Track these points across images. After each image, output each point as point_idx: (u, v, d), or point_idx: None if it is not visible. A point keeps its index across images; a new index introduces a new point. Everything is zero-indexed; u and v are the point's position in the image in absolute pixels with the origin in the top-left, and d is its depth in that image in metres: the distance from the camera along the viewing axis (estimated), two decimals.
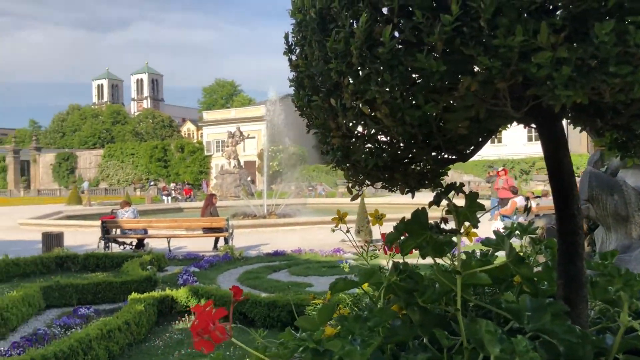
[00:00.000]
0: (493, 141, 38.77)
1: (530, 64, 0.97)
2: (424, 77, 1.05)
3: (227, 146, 39.06)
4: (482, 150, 1.50)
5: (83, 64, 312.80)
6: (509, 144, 43.32)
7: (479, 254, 1.88)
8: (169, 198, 39.83)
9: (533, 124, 1.43)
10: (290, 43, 1.39)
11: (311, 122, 1.39)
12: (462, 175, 40.56)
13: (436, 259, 1.30)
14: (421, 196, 1.46)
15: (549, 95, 1.02)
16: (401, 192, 1.40)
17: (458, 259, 1.22)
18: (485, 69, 1.00)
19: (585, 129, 1.46)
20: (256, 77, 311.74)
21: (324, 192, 41.97)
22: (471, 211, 1.29)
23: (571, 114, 1.34)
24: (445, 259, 1.38)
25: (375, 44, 1.06)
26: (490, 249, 1.84)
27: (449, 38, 0.99)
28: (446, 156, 1.33)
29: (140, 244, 13.41)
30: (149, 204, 32.63)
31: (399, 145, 1.25)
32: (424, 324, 1.20)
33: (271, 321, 6.24)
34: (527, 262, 1.30)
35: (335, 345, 0.98)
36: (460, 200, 1.28)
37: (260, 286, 8.48)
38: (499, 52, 0.97)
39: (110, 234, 13.20)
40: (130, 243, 13.46)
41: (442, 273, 1.21)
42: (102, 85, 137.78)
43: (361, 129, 1.26)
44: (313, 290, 7.95)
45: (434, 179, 1.40)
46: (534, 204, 13.28)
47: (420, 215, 1.26)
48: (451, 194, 1.34)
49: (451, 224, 1.40)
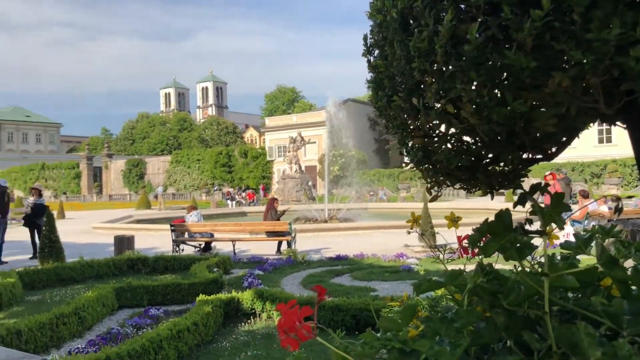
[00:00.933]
0: None
1: (627, 57, 0.93)
2: (512, 74, 1.03)
3: (289, 151, 39.55)
4: None
5: (151, 73, 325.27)
6: (579, 146, 41.36)
7: (559, 257, 1.82)
8: (233, 202, 40.73)
9: (619, 122, 1.37)
10: (368, 44, 1.39)
11: (390, 123, 1.38)
12: (531, 179, 39.27)
13: (518, 261, 1.26)
14: (479, 201, 1.42)
15: None
16: (483, 193, 1.36)
17: (545, 260, 1.19)
18: (577, 64, 0.97)
19: None
20: (316, 82, 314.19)
21: (386, 197, 41.75)
22: (557, 212, 1.24)
23: None
24: (516, 262, 1.34)
25: (460, 41, 1.04)
26: (571, 252, 1.77)
27: (539, 33, 0.97)
28: (531, 156, 1.29)
29: (208, 247, 13.76)
30: (214, 209, 33.47)
31: (482, 145, 1.23)
32: (509, 326, 1.17)
33: (335, 325, 6.24)
34: (620, 264, 1.24)
35: (424, 346, 0.97)
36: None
37: None
38: (592, 46, 0.93)
39: (180, 237, 13.62)
40: (198, 245, 13.85)
41: (528, 275, 1.18)
42: (169, 93, 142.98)
43: (443, 128, 1.24)
44: (376, 295, 7.90)
45: (515, 179, 1.36)
46: (605, 209, 12.63)
47: (504, 216, 1.23)
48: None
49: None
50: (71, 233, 19.59)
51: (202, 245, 13.81)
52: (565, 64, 1.02)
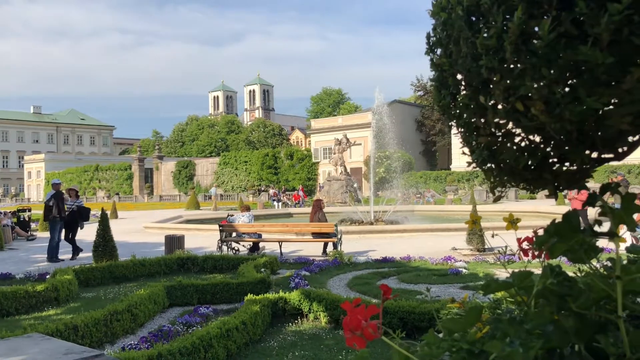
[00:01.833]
0: None
1: None
2: (587, 71, 1.00)
3: (334, 153, 39.60)
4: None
5: (200, 76, 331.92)
6: None
7: (626, 260, 1.76)
8: (279, 203, 41.07)
9: None
10: (430, 43, 1.38)
11: (454, 122, 1.36)
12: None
13: (587, 263, 1.23)
14: (529, 204, 1.38)
15: None
16: (550, 193, 1.33)
17: (618, 263, 1.15)
18: None
19: None
20: (362, 84, 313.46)
21: (433, 199, 41.25)
22: (628, 213, 1.20)
23: None
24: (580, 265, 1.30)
25: (531, 38, 1.02)
26: (638, 256, 1.71)
27: (616, 28, 0.94)
28: (600, 155, 1.25)
29: (255, 247, 13.93)
30: (260, 209, 33.85)
31: (550, 143, 1.20)
32: (579, 330, 1.13)
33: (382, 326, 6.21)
34: None
35: (496, 347, 0.95)
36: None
37: (370, 292, 8.46)
38: None
39: (228, 237, 13.83)
40: (249, 246, 14.05)
41: (599, 278, 1.14)
42: (217, 96, 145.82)
43: (511, 126, 1.22)
44: (423, 299, 7.81)
45: (582, 180, 1.32)
46: None
47: (571, 217, 1.20)
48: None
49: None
50: (124, 232, 20.22)
51: (250, 246, 14.00)
52: None
